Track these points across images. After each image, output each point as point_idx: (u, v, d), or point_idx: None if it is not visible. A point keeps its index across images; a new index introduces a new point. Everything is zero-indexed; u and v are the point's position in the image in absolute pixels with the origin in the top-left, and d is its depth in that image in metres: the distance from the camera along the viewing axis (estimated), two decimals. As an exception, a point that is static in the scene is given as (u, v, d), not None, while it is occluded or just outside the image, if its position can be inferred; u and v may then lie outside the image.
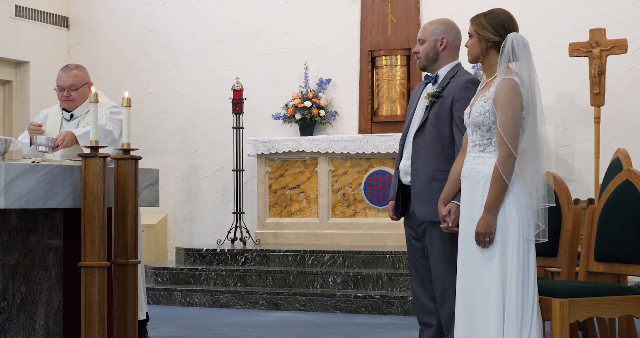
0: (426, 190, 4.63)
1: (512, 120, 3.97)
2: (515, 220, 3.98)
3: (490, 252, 3.99)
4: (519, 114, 4.00)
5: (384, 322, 7.27)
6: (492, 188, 3.99)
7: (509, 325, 3.94)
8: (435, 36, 4.71)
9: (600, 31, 8.51)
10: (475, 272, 4.05)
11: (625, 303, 4.31)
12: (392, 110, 9.61)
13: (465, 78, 4.64)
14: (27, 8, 10.46)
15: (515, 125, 3.98)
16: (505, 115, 3.98)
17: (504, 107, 3.98)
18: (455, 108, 4.57)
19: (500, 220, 3.99)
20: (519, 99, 4.00)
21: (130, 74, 10.80)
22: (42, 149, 5.32)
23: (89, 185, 4.34)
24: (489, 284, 3.99)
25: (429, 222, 4.64)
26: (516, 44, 4.05)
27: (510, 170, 3.97)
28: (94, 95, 4.51)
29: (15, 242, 4.49)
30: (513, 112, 3.98)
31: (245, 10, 10.44)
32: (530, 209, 4.00)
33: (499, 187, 3.98)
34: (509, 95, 3.99)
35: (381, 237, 9.08)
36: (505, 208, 4.00)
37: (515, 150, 3.97)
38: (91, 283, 4.34)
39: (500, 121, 3.99)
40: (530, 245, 4.01)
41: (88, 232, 4.34)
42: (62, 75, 5.91)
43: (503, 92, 3.99)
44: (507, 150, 3.97)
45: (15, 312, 4.50)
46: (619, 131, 8.97)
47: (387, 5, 9.86)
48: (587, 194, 8.79)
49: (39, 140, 5.32)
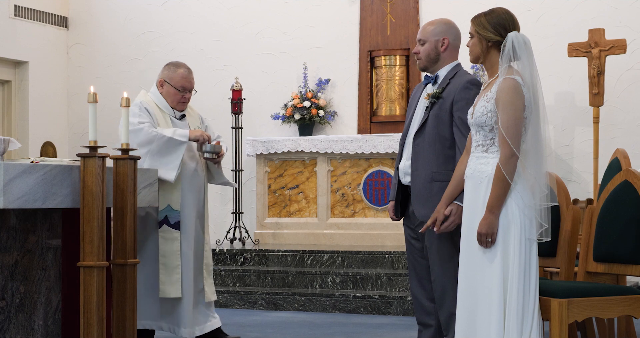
0: (426, 190, 4.63)
1: (514, 120, 3.97)
2: (517, 220, 3.98)
3: (492, 251, 3.99)
4: (521, 114, 3.99)
5: (382, 322, 7.27)
6: (494, 189, 3.99)
7: (510, 326, 3.94)
8: (436, 37, 4.71)
9: (599, 31, 8.51)
10: (477, 272, 4.05)
11: (624, 303, 4.30)
12: (391, 110, 9.61)
13: (466, 79, 4.64)
14: (26, 8, 10.46)
15: (517, 125, 3.97)
16: (507, 115, 3.97)
17: (506, 107, 3.98)
18: (456, 109, 4.56)
19: (502, 220, 3.99)
20: (521, 98, 3.99)
21: (130, 74, 10.80)
22: (208, 156, 5.56)
23: (87, 185, 4.34)
24: (490, 284, 3.99)
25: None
26: (517, 43, 4.04)
27: (513, 170, 3.97)
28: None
29: (14, 242, 4.49)
30: (515, 112, 3.97)
31: (244, 10, 10.44)
32: (533, 208, 3.99)
33: (501, 187, 3.97)
34: (511, 95, 3.98)
35: (380, 237, 9.08)
36: (507, 208, 3.99)
37: (518, 150, 3.97)
38: (90, 284, 4.34)
39: (502, 121, 3.98)
40: (532, 245, 4.01)
41: (87, 232, 4.34)
42: (188, 75, 5.70)
43: (504, 92, 3.99)
44: (509, 150, 3.96)
45: (14, 312, 4.50)
46: (618, 131, 8.98)
47: (386, 5, 9.86)
48: (586, 194, 8.79)
49: (209, 148, 5.54)
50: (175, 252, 5.52)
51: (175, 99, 5.66)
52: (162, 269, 5.52)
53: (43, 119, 10.71)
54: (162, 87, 5.68)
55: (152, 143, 5.42)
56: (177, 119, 5.70)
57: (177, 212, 5.53)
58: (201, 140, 5.55)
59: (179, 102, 5.68)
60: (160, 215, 5.54)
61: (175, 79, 5.63)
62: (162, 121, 5.61)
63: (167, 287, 5.51)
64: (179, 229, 5.54)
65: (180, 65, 5.70)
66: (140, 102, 5.59)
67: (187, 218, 5.60)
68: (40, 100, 10.70)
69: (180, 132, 5.51)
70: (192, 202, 5.62)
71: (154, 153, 5.42)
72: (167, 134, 5.47)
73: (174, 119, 5.68)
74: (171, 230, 5.53)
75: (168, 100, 5.67)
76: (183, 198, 5.57)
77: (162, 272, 5.52)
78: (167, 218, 5.53)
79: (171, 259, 5.52)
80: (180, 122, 5.70)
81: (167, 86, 5.65)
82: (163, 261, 5.52)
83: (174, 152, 5.44)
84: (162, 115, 5.64)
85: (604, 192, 4.67)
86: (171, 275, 5.52)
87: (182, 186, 5.56)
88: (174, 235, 5.53)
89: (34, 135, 10.49)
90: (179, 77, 5.63)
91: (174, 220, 5.53)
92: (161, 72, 5.72)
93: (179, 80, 5.63)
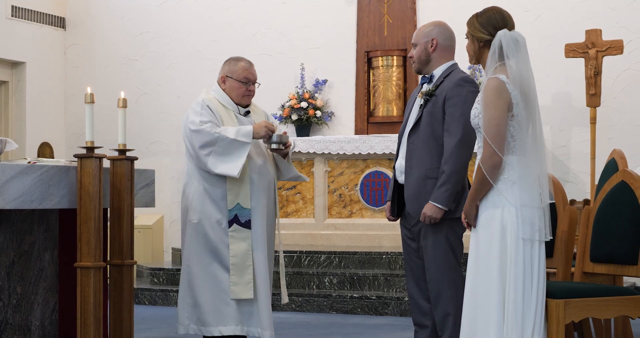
0: (420, 188, 4.64)
1: (494, 120, 3.94)
2: (513, 221, 3.97)
3: (490, 253, 3.99)
4: (503, 113, 3.95)
5: (380, 322, 7.27)
6: (473, 184, 4.03)
7: (509, 327, 3.93)
8: (426, 38, 4.76)
9: (596, 32, 8.52)
10: (478, 272, 4.05)
11: (621, 303, 4.31)
12: (388, 111, 9.61)
13: (458, 76, 4.67)
14: (23, 8, 10.45)
15: (498, 125, 3.94)
16: (488, 115, 3.95)
17: (487, 107, 3.96)
18: (447, 105, 4.59)
19: (498, 221, 3.98)
20: (504, 97, 3.95)
21: (127, 75, 10.79)
22: (275, 147, 5.34)
23: (84, 186, 4.34)
24: (488, 285, 3.98)
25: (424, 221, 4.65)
26: (505, 42, 4.01)
27: (493, 169, 3.95)
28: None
29: (11, 242, 4.49)
30: (495, 112, 3.94)
31: (242, 10, 10.44)
32: (533, 208, 3.98)
33: (480, 183, 3.99)
34: (492, 95, 3.96)
35: (377, 237, 9.08)
36: (503, 209, 3.98)
37: (500, 150, 3.94)
38: (87, 284, 4.34)
39: (483, 121, 3.97)
40: (533, 245, 3.98)
41: (84, 233, 4.34)
42: (250, 67, 5.49)
43: (486, 92, 3.98)
44: (489, 149, 3.94)
45: (11, 312, 4.49)
46: (615, 132, 8.98)
47: (384, 6, 9.87)
48: (583, 195, 8.80)
49: (275, 138, 5.31)
50: (246, 251, 5.30)
51: (239, 92, 5.46)
52: (234, 270, 5.30)
53: (40, 119, 10.71)
54: (225, 83, 5.51)
55: (214, 144, 5.22)
56: (241, 115, 5.48)
57: (247, 211, 5.31)
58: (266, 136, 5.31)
59: (244, 95, 5.47)
60: (230, 214, 5.31)
61: (237, 72, 5.47)
62: (226, 118, 5.40)
63: (239, 288, 5.29)
64: (249, 228, 5.32)
65: (240, 59, 5.55)
66: (202, 100, 5.42)
67: (258, 216, 5.37)
68: (37, 101, 10.69)
69: (243, 132, 5.24)
70: (262, 200, 5.37)
71: (218, 154, 5.22)
72: (230, 135, 5.22)
73: (239, 116, 5.47)
74: (242, 229, 5.31)
75: (232, 96, 5.48)
76: (252, 196, 5.34)
77: (234, 273, 5.29)
78: (237, 217, 5.32)
79: (242, 259, 5.30)
80: (245, 119, 5.48)
81: (229, 81, 5.48)
82: (234, 261, 5.29)
83: (238, 154, 5.22)
84: (226, 112, 5.43)
85: (601, 192, 4.67)
86: (243, 276, 5.30)
87: (251, 183, 5.33)
88: (245, 235, 5.31)
89: (31, 135, 10.49)
90: (240, 69, 5.47)
91: (245, 219, 5.31)
92: (221, 69, 5.58)
93: (241, 73, 5.46)
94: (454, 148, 4.57)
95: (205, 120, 5.29)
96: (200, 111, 5.34)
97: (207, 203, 5.28)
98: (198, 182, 5.30)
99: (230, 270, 5.30)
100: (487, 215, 4.02)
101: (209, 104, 5.39)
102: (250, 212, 5.33)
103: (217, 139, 5.22)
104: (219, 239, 5.30)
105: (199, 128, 5.26)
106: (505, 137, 3.96)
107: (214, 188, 5.26)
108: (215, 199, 5.27)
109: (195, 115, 5.31)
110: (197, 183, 5.31)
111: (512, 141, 3.99)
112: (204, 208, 5.29)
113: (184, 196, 5.42)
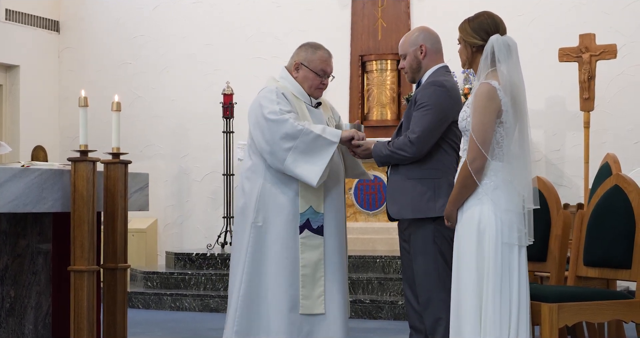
0: (399, 188, 4.65)
1: (482, 125, 3.95)
2: (492, 225, 3.96)
3: (468, 257, 3.99)
4: (491, 118, 3.96)
5: (373, 326, 7.27)
6: (455, 187, 4.05)
7: (487, 330, 3.92)
8: (414, 46, 4.73)
9: (590, 36, 8.54)
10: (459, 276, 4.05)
11: (614, 307, 4.31)
12: (382, 114, 9.62)
13: (431, 79, 4.65)
14: (17, 12, 10.45)
15: (486, 130, 3.95)
16: (477, 119, 3.96)
17: (477, 112, 3.97)
18: (415, 108, 4.60)
19: (476, 225, 3.98)
20: (494, 103, 3.96)
21: (121, 78, 10.79)
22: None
23: (78, 190, 4.33)
24: (466, 288, 3.98)
25: (411, 225, 4.64)
26: (497, 47, 4.01)
27: (477, 172, 3.96)
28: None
29: (5, 246, 4.48)
30: (484, 117, 3.95)
31: (236, 14, 10.45)
32: (513, 213, 3.97)
33: (462, 185, 4.01)
34: (482, 100, 3.96)
35: (371, 241, 9.08)
36: (482, 213, 3.98)
37: (486, 153, 3.96)
38: (80, 288, 4.33)
39: (472, 125, 3.98)
40: (512, 249, 3.97)
41: (77, 236, 4.33)
42: (329, 58, 4.92)
43: (477, 97, 3.98)
44: (475, 151, 3.95)
45: (4, 316, 4.49)
46: (609, 136, 9.01)
47: (378, 10, 9.88)
48: (577, 199, 8.81)
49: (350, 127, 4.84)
50: (318, 261, 4.75)
51: (313, 84, 4.89)
52: (304, 281, 4.73)
53: (34, 122, 10.70)
54: (298, 72, 4.93)
55: (296, 138, 4.62)
56: (313, 107, 4.94)
57: (320, 215, 4.76)
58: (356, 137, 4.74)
59: (317, 88, 4.91)
60: (302, 219, 4.74)
61: (314, 62, 4.89)
62: (298, 110, 4.81)
63: (309, 302, 4.74)
64: (322, 235, 4.77)
65: (319, 47, 4.97)
66: (276, 88, 4.82)
67: (331, 221, 4.83)
68: (31, 104, 10.68)
69: (330, 131, 4.70)
70: (335, 203, 4.86)
71: (299, 151, 4.63)
72: (316, 130, 4.66)
73: (310, 107, 4.91)
74: (314, 235, 4.75)
75: (304, 86, 4.90)
76: (326, 199, 4.82)
77: (304, 284, 4.73)
78: (309, 222, 4.76)
79: (314, 269, 4.74)
80: (316, 111, 4.93)
81: (303, 70, 4.90)
82: (305, 272, 4.72)
83: (321, 153, 4.66)
84: (298, 103, 4.85)
85: (595, 196, 4.68)
86: (314, 288, 4.74)
87: (325, 185, 4.79)
88: (318, 242, 4.75)
89: (24, 139, 10.48)
90: (318, 59, 4.90)
91: (317, 225, 4.76)
92: (296, 54, 5.01)
93: (318, 64, 4.90)
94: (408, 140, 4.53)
95: (286, 110, 4.73)
96: (277, 99, 4.76)
97: (275, 205, 4.75)
98: (264, 179, 4.78)
99: (300, 282, 4.74)
100: (466, 217, 4.03)
101: (284, 92, 4.83)
102: (323, 217, 4.80)
103: (299, 131, 4.64)
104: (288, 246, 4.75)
105: (279, 117, 4.68)
106: (491, 143, 3.97)
107: (284, 187, 4.75)
108: (284, 201, 4.75)
109: (271, 103, 4.74)
110: (262, 180, 4.78)
111: (497, 147, 3.99)
112: (271, 210, 4.76)
113: (244, 194, 4.83)
